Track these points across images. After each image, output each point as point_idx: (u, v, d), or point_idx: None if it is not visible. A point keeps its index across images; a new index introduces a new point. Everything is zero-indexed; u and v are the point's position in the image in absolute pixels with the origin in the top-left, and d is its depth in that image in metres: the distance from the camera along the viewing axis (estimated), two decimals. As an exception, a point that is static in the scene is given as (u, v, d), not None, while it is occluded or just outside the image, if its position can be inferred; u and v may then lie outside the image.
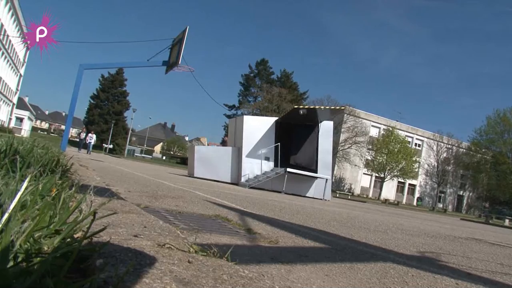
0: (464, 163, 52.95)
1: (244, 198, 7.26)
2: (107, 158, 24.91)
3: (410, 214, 16.42)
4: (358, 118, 46.93)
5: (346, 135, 46.39)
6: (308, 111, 14.45)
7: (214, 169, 14.87)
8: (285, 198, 10.78)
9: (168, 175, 12.79)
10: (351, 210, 10.31)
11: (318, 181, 15.42)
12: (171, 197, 4.69)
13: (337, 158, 45.49)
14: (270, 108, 48.89)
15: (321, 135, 15.62)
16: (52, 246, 0.88)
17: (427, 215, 20.41)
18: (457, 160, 53.54)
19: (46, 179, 1.52)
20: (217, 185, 11.44)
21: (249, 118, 16.75)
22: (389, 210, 17.74)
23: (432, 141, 53.94)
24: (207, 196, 5.97)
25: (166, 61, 19.23)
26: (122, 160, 28.31)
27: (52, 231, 0.96)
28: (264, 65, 60.00)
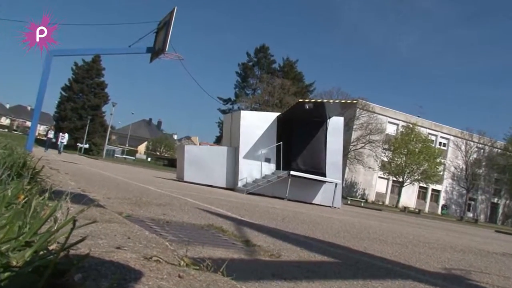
0: (499, 166, 52.48)
1: (242, 206, 7.28)
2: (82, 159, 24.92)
3: (433, 225, 16.47)
4: (372, 114, 47.02)
5: (358, 133, 46.47)
6: (315, 105, 14.48)
7: (206, 172, 14.89)
8: (288, 205, 10.80)
9: (154, 179, 12.80)
10: (364, 219, 10.33)
11: (327, 186, 15.45)
12: (157, 205, 4.70)
13: (348, 160, 45.56)
14: (271, 102, 48.96)
15: (329, 133, 15.64)
16: (22, 260, 0.89)
17: (454, 225, 20.48)
18: (490, 162, 53.22)
19: (13, 184, 1.52)
20: (210, 190, 11.46)
21: (247, 113, 16.74)
22: (409, 220, 17.79)
23: (460, 139, 53.67)
24: (198, 203, 5.98)
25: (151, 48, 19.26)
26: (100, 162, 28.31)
27: (22, 243, 0.96)
28: (264, 53, 60.04)
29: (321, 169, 15.39)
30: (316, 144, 15.61)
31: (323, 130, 15.65)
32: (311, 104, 14.29)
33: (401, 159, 45.70)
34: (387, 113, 52.03)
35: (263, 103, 49.23)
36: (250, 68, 59.77)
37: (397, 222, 12.95)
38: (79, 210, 1.36)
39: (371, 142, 45.82)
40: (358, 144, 46.11)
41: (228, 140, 16.45)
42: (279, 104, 48.86)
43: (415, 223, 14.29)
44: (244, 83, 60.12)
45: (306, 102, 14.57)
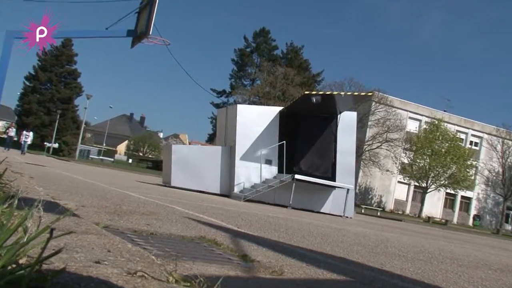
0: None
1: (238, 215, 7.31)
2: (50, 161, 24.92)
3: (463, 238, 16.52)
4: (390, 108, 47.10)
5: (374, 131, 46.55)
6: (324, 98, 14.51)
7: (197, 176, 14.92)
8: (292, 214, 10.83)
9: (136, 184, 12.82)
10: (381, 231, 10.36)
11: (337, 192, 15.49)
12: (140, 214, 4.73)
13: (362, 162, 45.65)
14: (272, 95, 49.02)
15: (340, 131, 15.67)
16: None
17: (488, 239, 20.47)
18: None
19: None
20: (202, 197, 11.49)
21: (245, 107, 16.75)
22: (434, 232, 17.84)
23: (495, 138, 52.97)
24: (188, 212, 6.01)
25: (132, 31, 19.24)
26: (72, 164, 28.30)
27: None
28: (265, 37, 60.11)
29: (330, 173, 15.42)
30: (324, 144, 15.64)
31: (333, 127, 15.68)
32: (319, 97, 14.32)
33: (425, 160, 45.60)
34: (408, 107, 52.12)
35: (263, 96, 49.27)
36: (248, 55, 59.83)
37: (420, 234, 12.98)
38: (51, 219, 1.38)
39: (389, 141, 45.87)
40: (373, 143, 46.17)
41: (223, 138, 16.47)
42: (282, 97, 48.90)
43: (441, 236, 14.34)
44: (241, 73, 60.19)
45: (313, 95, 14.60)
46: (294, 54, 58.11)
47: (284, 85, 48.83)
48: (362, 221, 15.51)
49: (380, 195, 51.09)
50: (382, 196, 51.16)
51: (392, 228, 14.26)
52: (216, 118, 26.38)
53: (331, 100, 14.96)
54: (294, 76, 49.37)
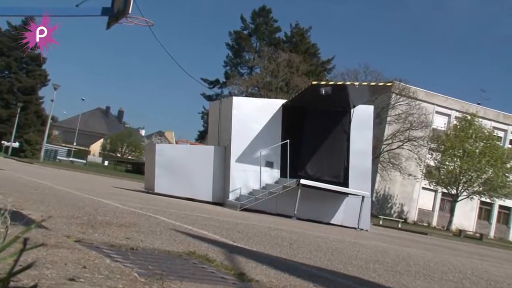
0: None
1: (234, 226, 7.33)
2: (9, 163, 24.90)
3: (502, 256, 16.53)
4: (414, 101, 47.05)
5: (394, 128, 46.57)
6: (335, 89, 14.53)
7: (186, 181, 14.93)
8: (297, 226, 10.86)
9: (113, 191, 12.82)
10: (402, 246, 10.39)
11: (350, 200, 15.52)
12: (118, 225, 4.75)
13: (380, 164, 45.65)
14: (274, 85, 49.03)
15: (354, 128, 15.70)
16: None
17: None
18: None
19: None
20: (191, 206, 11.52)
21: (242, 100, 16.77)
22: (466, 248, 17.88)
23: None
24: (175, 224, 6.03)
25: (108, 9, 19.24)
26: (36, 167, 28.30)
27: None
28: (265, 17, 60.12)
29: (342, 177, 15.44)
30: (335, 143, 15.66)
31: (346, 123, 15.70)
32: (329, 88, 14.35)
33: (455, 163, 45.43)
34: (435, 100, 52.06)
35: (264, 87, 49.29)
36: (245, 39, 59.82)
37: (449, 250, 13.02)
38: (14, 232, 1.40)
39: (412, 139, 45.83)
40: (393, 142, 46.17)
41: (216, 137, 16.48)
42: (285, 88, 48.88)
43: (475, 253, 14.37)
44: (237, 59, 60.17)
45: (322, 85, 14.62)
46: (299, 37, 58.14)
47: (288, 74, 48.84)
48: (380, 234, 15.53)
49: (401, 204, 51.10)
50: (404, 205, 51.17)
51: (415, 242, 14.29)
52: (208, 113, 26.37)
53: (343, 91, 14.97)
54: (299, 64, 49.40)
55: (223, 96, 55.21)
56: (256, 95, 47.93)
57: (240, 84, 52.77)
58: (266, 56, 50.86)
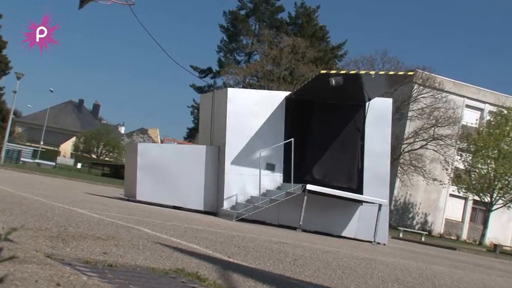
0: None
1: (230, 240, 7.35)
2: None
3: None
4: (440, 93, 47.00)
5: (417, 124, 46.51)
6: (347, 79, 14.52)
7: (173, 187, 14.93)
8: (303, 239, 10.87)
9: (88, 198, 12.81)
10: (426, 263, 10.39)
11: (365, 209, 15.54)
12: (94, 238, 4.76)
13: (400, 167, 45.61)
14: (276, 75, 49.00)
15: (370, 124, 15.71)
16: None
17: None
18: None
19: None
20: (179, 215, 11.53)
21: (238, 92, 16.77)
22: (502, 266, 17.85)
23: None
24: (161, 236, 6.05)
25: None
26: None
27: None
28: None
29: (355, 182, 15.45)
30: (347, 142, 15.66)
31: (359, 119, 15.71)
32: (340, 78, 14.34)
33: (488, 166, 45.26)
34: (465, 92, 51.97)
35: (264, 76, 49.25)
36: (242, 20, 59.77)
37: (482, 268, 13.02)
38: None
39: (438, 138, 45.75)
40: (416, 141, 46.14)
41: (208, 135, 16.48)
42: (289, 78, 48.83)
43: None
44: (233, 44, 60.11)
45: (333, 75, 14.62)
46: (306, 19, 58.09)
47: (292, 61, 48.80)
48: (400, 249, 15.53)
49: (424, 214, 51.07)
50: (428, 215, 51.14)
51: (441, 259, 14.29)
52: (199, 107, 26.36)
53: (357, 82, 14.97)
54: (306, 49, 49.34)
55: (217, 87, 55.12)
56: (255, 86, 47.84)
57: (236, 73, 52.69)
58: (267, 40, 50.78)
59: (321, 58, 52.50)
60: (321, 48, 55.27)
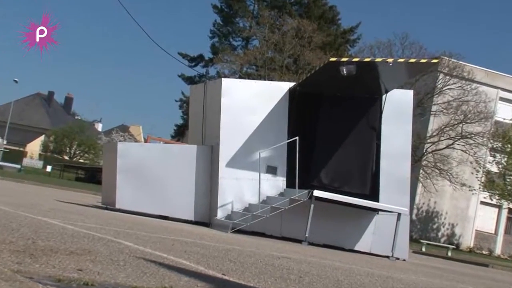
0: None
1: (224, 254, 7.38)
2: None
3: None
4: (469, 83, 46.93)
5: (442, 120, 46.41)
6: (360, 67, 14.53)
7: (159, 193, 14.93)
8: (310, 253, 10.89)
9: (60, 206, 12.81)
10: (453, 282, 10.41)
11: (381, 219, 15.55)
12: (68, 253, 4.79)
13: (422, 170, 45.51)
14: (278, 63, 48.94)
15: (387, 121, 15.72)
16: None
17: None
18: None
19: None
20: (166, 226, 11.53)
21: (234, 84, 16.73)
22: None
23: None
24: (144, 250, 6.08)
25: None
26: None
27: None
28: (266, -31, 60.02)
29: (369, 188, 15.47)
30: (361, 141, 15.68)
31: (375, 114, 15.73)
32: (353, 66, 14.35)
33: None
34: (499, 82, 51.82)
35: (264, 65, 49.21)
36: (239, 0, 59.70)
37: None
38: None
39: (467, 136, 45.65)
40: (441, 140, 46.07)
41: (199, 132, 16.47)
42: (293, 67, 48.80)
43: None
44: (228, 28, 60.01)
45: (344, 63, 14.63)
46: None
47: (296, 47, 48.74)
48: (422, 266, 15.54)
49: (451, 224, 51.02)
50: (455, 226, 51.10)
51: (471, 277, 14.30)
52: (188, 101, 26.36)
53: (372, 71, 14.98)
54: (312, 34, 49.29)
55: (209, 77, 55.10)
56: (253, 76, 47.81)
57: (232, 61, 52.60)
58: (267, 23, 50.67)
59: (331, 44, 52.44)
60: (331, 32, 55.22)
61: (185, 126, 50.22)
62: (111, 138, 72.57)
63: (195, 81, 54.36)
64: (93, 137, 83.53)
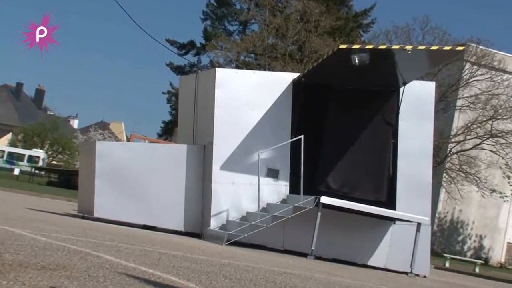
0: None
1: (218, 269, 7.41)
2: None
3: None
4: (500, 74, 46.85)
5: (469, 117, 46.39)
6: (374, 55, 14.56)
7: (143, 200, 14.93)
8: (316, 268, 10.90)
9: (30, 215, 12.81)
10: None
11: (399, 230, 15.58)
12: (39, 268, 4.80)
13: (446, 173, 45.50)
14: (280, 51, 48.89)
15: (405, 117, 15.75)
16: None
17: None
18: None
19: None
20: (151, 237, 11.55)
21: (230, 74, 16.77)
22: None
23: None
24: (127, 265, 6.10)
25: None
26: None
27: None
28: None
29: (384, 194, 15.51)
30: (374, 140, 15.71)
31: (391, 110, 15.78)
32: (366, 55, 14.39)
33: None
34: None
35: (263, 53, 49.19)
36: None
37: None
38: None
39: (498, 135, 45.61)
40: (467, 139, 46.05)
41: (190, 130, 16.50)
42: (298, 55, 48.79)
43: None
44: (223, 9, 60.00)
45: (356, 51, 14.66)
46: (320, -24, 58.09)
47: (301, 32, 48.71)
48: (446, 283, 15.58)
49: (479, 236, 51.05)
50: (484, 238, 51.14)
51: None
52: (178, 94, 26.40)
53: (388, 60, 15.01)
54: (320, 17, 49.29)
55: (201, 67, 55.14)
56: (252, 65, 47.78)
57: (228, 48, 52.58)
58: (268, 5, 50.71)
59: (341, 29, 52.45)
60: (341, 15, 55.21)
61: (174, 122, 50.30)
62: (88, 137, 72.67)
63: (185, 72, 54.41)
64: (68, 136, 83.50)
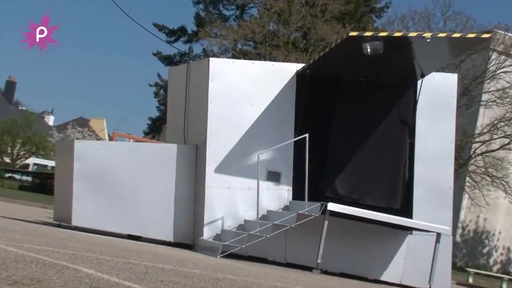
0: None
1: (212, 285, 7.42)
2: None
3: None
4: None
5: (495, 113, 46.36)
6: (388, 44, 14.58)
7: (127, 207, 14.98)
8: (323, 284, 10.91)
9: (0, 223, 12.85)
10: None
11: (416, 241, 15.62)
12: (11, 283, 4.83)
13: (469, 177, 45.48)
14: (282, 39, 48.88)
15: (423, 113, 15.79)
16: None
17: None
18: None
19: None
20: (137, 249, 11.57)
21: (225, 64, 16.77)
22: None
23: None
24: (110, 279, 6.12)
25: None
26: None
27: None
28: None
29: (399, 200, 15.55)
30: (388, 140, 15.74)
31: (407, 105, 15.82)
32: (379, 43, 14.42)
33: None
34: None
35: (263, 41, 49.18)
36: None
37: None
38: None
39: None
40: (493, 139, 46.02)
41: (180, 128, 16.53)
42: (302, 43, 48.82)
43: None
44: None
45: (368, 38, 14.69)
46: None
47: (306, 18, 48.76)
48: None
49: (507, 249, 51.08)
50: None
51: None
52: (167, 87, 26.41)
53: (405, 49, 15.06)
54: (327, 0, 49.31)
55: (193, 57, 55.13)
56: (251, 55, 47.82)
57: (223, 36, 52.60)
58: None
59: (351, 14, 52.47)
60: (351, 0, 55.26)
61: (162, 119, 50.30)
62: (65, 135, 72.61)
63: (175, 62, 54.37)
64: (43, 133, 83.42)
